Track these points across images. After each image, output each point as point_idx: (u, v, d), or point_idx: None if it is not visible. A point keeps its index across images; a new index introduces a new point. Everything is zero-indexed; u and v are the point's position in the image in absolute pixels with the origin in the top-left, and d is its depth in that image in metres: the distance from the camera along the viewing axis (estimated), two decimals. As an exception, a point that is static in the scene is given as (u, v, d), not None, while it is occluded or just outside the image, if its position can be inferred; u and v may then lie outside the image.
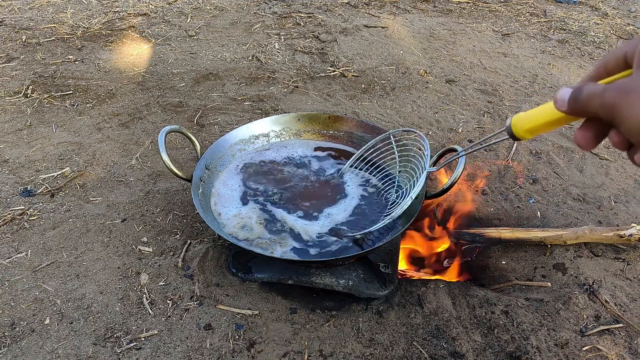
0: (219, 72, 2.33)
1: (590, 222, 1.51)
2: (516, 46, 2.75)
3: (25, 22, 2.79)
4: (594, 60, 2.61)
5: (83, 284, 1.25)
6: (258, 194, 1.34)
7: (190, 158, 1.73)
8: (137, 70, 2.33)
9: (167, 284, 1.25)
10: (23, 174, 1.62)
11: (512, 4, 3.35)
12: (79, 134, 1.84)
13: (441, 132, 1.94)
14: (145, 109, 2.02)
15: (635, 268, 1.36)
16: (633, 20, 3.12)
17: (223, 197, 1.33)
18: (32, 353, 1.08)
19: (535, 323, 1.19)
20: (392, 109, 2.09)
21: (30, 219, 1.44)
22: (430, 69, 2.44)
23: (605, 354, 1.12)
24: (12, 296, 1.21)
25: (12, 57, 2.40)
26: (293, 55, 2.53)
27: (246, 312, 1.18)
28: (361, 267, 1.25)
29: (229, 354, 1.09)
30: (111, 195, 1.54)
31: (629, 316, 1.22)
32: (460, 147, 1.21)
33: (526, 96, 2.23)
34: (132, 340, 1.11)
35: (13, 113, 1.96)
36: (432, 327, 1.17)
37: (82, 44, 2.55)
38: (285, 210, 1.28)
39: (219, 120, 1.96)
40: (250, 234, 1.20)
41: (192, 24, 2.85)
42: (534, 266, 1.39)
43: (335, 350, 1.11)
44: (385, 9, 3.17)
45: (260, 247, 1.17)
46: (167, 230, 1.42)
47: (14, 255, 1.32)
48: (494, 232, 1.44)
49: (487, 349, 1.13)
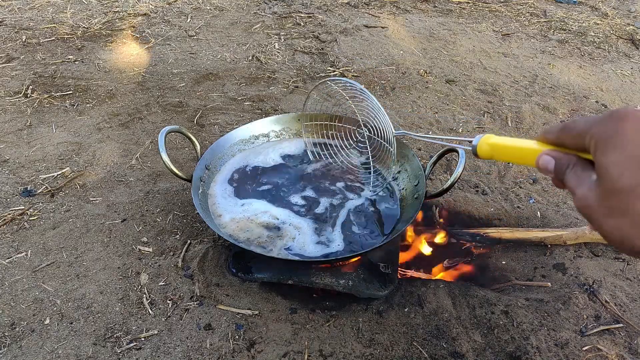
0: (219, 72, 2.33)
1: (590, 222, 1.51)
2: (516, 46, 2.75)
3: (25, 22, 2.79)
4: (594, 60, 2.61)
5: (83, 284, 1.25)
6: (258, 194, 1.34)
7: (190, 158, 1.73)
8: (137, 70, 2.33)
9: (167, 284, 1.25)
10: (23, 174, 1.62)
11: (512, 4, 3.35)
12: (79, 134, 1.84)
13: (441, 132, 1.94)
14: (145, 109, 2.02)
15: (635, 268, 1.36)
16: (633, 20, 3.12)
17: (222, 198, 1.33)
18: (32, 353, 1.08)
19: (535, 323, 1.19)
20: (392, 109, 2.09)
21: (30, 219, 1.44)
22: (430, 69, 2.44)
23: (605, 354, 1.12)
24: (12, 296, 1.21)
25: (12, 57, 2.40)
26: (293, 55, 2.53)
27: (246, 312, 1.18)
28: (361, 267, 1.25)
29: (229, 354, 1.09)
30: (111, 195, 1.54)
31: (629, 316, 1.22)
32: (461, 148, 1.22)
33: (526, 96, 2.23)
34: (132, 340, 1.11)
35: (13, 113, 1.96)
36: (432, 327, 1.17)
37: (82, 44, 2.55)
38: (286, 209, 1.28)
39: (219, 120, 1.96)
40: (251, 235, 1.20)
41: (192, 24, 2.85)
42: (534, 266, 1.39)
43: (335, 350, 1.11)
44: (385, 9, 3.17)
45: (260, 247, 1.17)
46: (167, 230, 1.42)
47: (14, 255, 1.32)
48: (494, 232, 1.44)
49: (487, 349, 1.13)
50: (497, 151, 0.55)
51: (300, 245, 1.18)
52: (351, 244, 1.20)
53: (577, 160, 0.44)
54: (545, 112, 2.12)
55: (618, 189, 0.37)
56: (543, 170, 0.47)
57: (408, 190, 1.34)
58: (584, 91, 2.30)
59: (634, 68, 2.56)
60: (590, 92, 2.30)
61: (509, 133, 1.95)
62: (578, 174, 0.43)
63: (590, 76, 2.45)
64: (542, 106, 2.15)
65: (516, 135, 1.94)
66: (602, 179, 0.39)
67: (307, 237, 1.21)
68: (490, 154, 0.56)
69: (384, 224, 1.26)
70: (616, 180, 0.37)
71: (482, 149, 0.57)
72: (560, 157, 0.45)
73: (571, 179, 0.43)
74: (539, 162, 0.47)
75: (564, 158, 0.45)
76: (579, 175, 0.43)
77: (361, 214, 1.29)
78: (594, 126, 0.40)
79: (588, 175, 0.42)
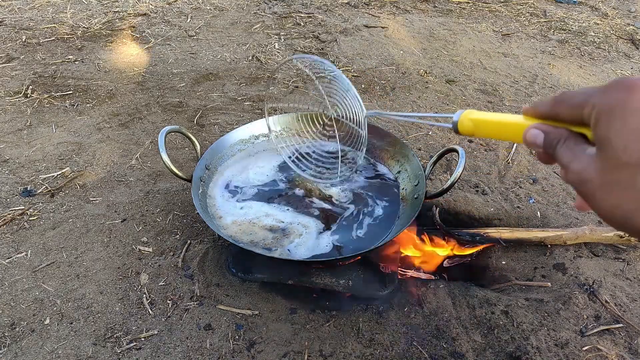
0: (219, 72, 2.33)
1: (590, 222, 1.51)
2: (516, 46, 2.75)
3: (25, 22, 2.79)
4: (594, 60, 2.61)
5: (83, 284, 1.25)
6: (258, 193, 1.34)
7: (190, 158, 1.73)
8: (137, 70, 2.33)
9: (167, 284, 1.25)
10: (23, 174, 1.62)
11: (512, 4, 3.35)
12: (79, 134, 1.84)
13: (441, 132, 1.94)
14: (145, 109, 2.02)
15: (635, 268, 1.36)
16: (633, 20, 3.12)
17: (222, 200, 1.33)
18: (32, 353, 1.08)
19: (535, 323, 1.19)
20: (392, 109, 2.09)
21: (30, 219, 1.44)
22: (430, 69, 2.44)
23: (605, 354, 1.12)
24: (12, 296, 1.21)
25: (12, 57, 2.40)
26: (293, 56, 2.53)
27: (246, 312, 1.18)
28: (361, 267, 1.25)
29: (229, 354, 1.09)
30: (111, 195, 1.54)
31: (629, 316, 1.22)
32: (461, 148, 1.22)
33: (526, 96, 2.23)
34: (132, 340, 1.11)
35: (13, 113, 1.96)
36: (432, 327, 1.17)
37: (82, 44, 2.55)
38: (288, 206, 1.28)
39: (219, 120, 1.96)
40: (254, 237, 1.20)
41: (192, 24, 2.85)
42: (534, 266, 1.39)
43: (335, 350, 1.11)
44: (385, 9, 3.17)
45: (260, 247, 1.17)
46: (167, 230, 1.42)
47: (14, 255, 1.32)
48: (494, 232, 1.44)
49: (487, 349, 1.13)
50: (479, 127, 0.53)
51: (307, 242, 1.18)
52: (351, 245, 1.20)
53: (569, 133, 0.42)
54: (545, 112, 2.12)
55: (623, 162, 0.35)
56: (531, 144, 0.44)
57: (408, 190, 1.34)
58: (584, 91, 2.30)
59: (634, 68, 2.56)
60: (590, 92, 2.30)
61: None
62: (571, 147, 0.41)
63: (590, 76, 2.45)
64: (542, 106, 2.15)
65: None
66: (603, 151, 0.37)
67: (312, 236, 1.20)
68: (472, 130, 0.53)
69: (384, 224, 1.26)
70: (621, 153, 0.35)
71: (463, 124, 0.54)
72: (550, 131, 0.43)
73: (564, 153, 0.41)
74: (527, 136, 0.45)
75: (554, 132, 0.43)
76: (572, 148, 0.41)
77: (361, 214, 1.28)
78: (594, 96, 0.38)
79: (582, 149, 0.40)
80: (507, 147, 1.86)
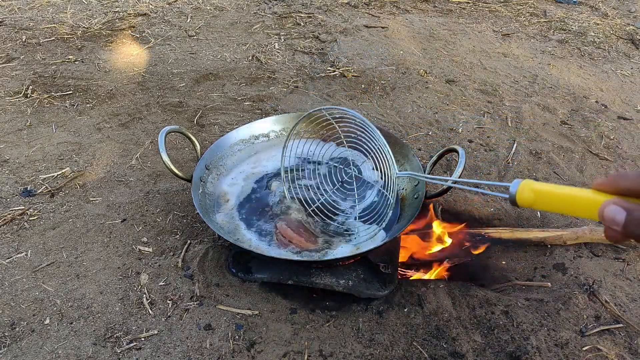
0: (219, 72, 2.33)
1: (590, 222, 1.51)
2: (516, 46, 2.75)
3: (25, 22, 2.79)
4: (594, 60, 2.61)
5: (83, 284, 1.25)
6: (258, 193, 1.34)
7: (190, 158, 1.73)
8: (137, 70, 2.33)
9: (167, 284, 1.25)
10: (23, 174, 1.62)
11: (512, 4, 3.35)
12: (79, 134, 1.84)
13: (441, 132, 1.94)
14: (145, 109, 2.02)
15: (635, 268, 1.36)
16: (633, 21, 3.12)
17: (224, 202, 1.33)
18: (32, 353, 1.08)
19: (535, 323, 1.19)
20: (392, 109, 2.09)
21: (30, 219, 1.44)
22: (430, 69, 2.44)
23: (605, 354, 1.12)
24: (12, 296, 1.21)
25: (12, 57, 2.40)
26: (293, 56, 2.53)
27: (246, 312, 1.18)
28: (361, 267, 1.25)
29: (229, 354, 1.09)
30: (111, 195, 1.54)
31: (629, 316, 1.22)
32: (461, 148, 1.22)
33: (526, 96, 2.23)
34: (132, 340, 1.11)
35: (13, 113, 1.96)
36: (432, 327, 1.17)
37: (82, 44, 2.55)
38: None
39: (219, 121, 1.96)
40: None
41: (192, 24, 2.85)
42: (534, 266, 1.39)
43: (335, 351, 1.11)
44: (385, 9, 3.17)
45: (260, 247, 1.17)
46: (167, 230, 1.42)
47: (14, 255, 1.32)
48: (494, 232, 1.44)
49: (487, 349, 1.13)
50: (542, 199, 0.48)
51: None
52: (351, 245, 1.19)
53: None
54: (545, 112, 2.12)
55: None
56: (608, 221, 0.40)
57: (408, 190, 1.34)
58: (583, 91, 2.30)
59: (634, 68, 2.56)
60: (590, 92, 2.30)
61: (509, 133, 1.95)
62: None
63: (590, 76, 2.45)
64: (542, 106, 2.15)
65: (516, 134, 1.94)
66: None
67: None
68: (532, 201, 0.49)
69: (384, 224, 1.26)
70: None
71: (523, 196, 0.49)
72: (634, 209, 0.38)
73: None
74: (605, 213, 0.41)
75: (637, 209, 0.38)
76: None
77: (362, 214, 1.28)
78: None
79: None
80: (507, 147, 1.86)
